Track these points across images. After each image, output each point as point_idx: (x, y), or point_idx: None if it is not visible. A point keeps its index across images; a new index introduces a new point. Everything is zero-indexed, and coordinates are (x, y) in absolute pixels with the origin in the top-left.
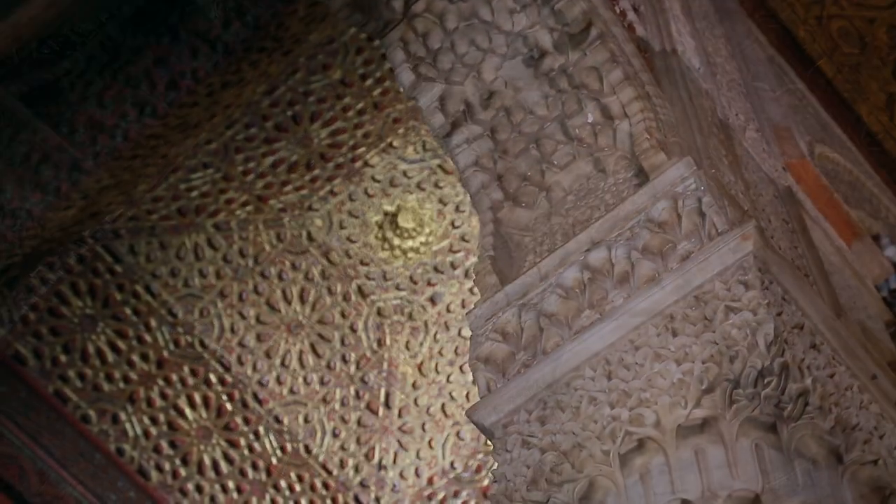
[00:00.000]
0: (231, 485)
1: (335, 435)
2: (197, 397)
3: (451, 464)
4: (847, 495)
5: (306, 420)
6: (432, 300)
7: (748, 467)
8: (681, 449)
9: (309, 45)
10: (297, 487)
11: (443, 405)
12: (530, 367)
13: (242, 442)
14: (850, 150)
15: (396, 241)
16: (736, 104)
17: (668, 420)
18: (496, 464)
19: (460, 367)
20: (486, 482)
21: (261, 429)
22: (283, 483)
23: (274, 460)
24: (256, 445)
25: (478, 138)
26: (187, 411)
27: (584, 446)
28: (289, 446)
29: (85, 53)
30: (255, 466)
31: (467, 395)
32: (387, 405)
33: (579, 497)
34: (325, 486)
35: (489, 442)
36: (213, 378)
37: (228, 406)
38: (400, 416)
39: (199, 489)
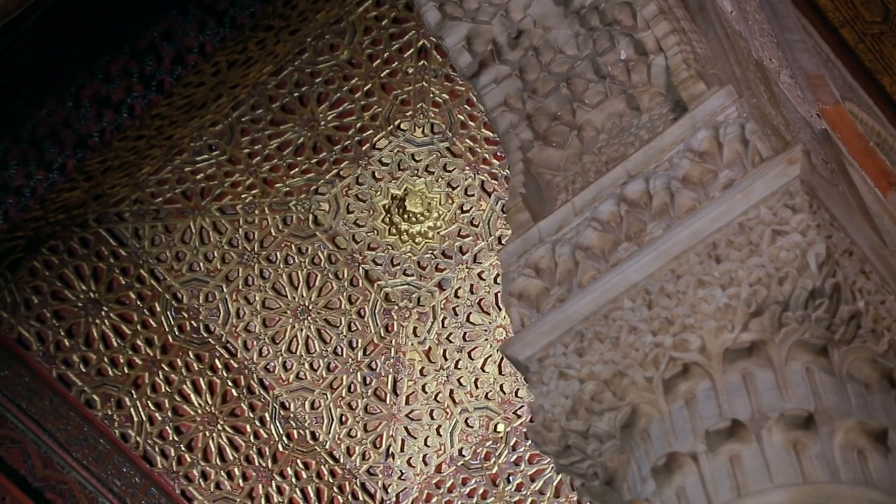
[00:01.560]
0: (236, 471)
1: (342, 422)
2: (202, 383)
3: (460, 451)
4: None
5: (313, 406)
6: (440, 286)
7: (799, 389)
8: (728, 373)
9: (316, 24)
10: (304, 475)
11: (451, 392)
12: (566, 301)
13: (248, 428)
14: (875, 113)
15: (404, 226)
16: (768, 51)
17: (715, 344)
18: (532, 397)
19: (468, 354)
20: (494, 469)
21: (267, 415)
22: (289, 470)
23: (280, 447)
24: (262, 432)
25: (506, 78)
26: (192, 397)
27: (625, 374)
28: (295, 433)
29: (91, 22)
30: (260, 453)
31: (476, 382)
32: (394, 392)
33: (621, 424)
34: (332, 473)
35: (525, 378)
36: (218, 363)
37: (234, 392)
38: (407, 402)
39: (204, 475)
